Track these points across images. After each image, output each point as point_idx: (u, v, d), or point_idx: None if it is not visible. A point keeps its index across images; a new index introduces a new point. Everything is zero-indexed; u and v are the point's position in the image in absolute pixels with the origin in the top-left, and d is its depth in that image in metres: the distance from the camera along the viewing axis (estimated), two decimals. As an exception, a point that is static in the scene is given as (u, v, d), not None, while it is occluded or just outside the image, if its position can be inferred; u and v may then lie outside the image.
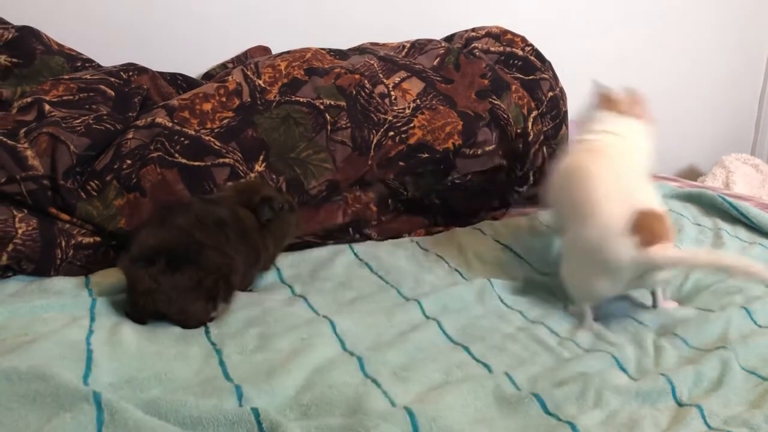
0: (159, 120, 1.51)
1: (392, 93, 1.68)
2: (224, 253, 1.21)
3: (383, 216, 1.68)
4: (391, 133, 1.64)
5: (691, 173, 2.95)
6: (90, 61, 1.72)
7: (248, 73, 1.62)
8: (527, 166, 1.83)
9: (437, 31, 2.00)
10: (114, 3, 1.87)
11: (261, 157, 1.53)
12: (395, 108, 1.66)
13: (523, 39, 1.97)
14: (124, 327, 1.13)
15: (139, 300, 1.16)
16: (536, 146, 1.84)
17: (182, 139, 1.49)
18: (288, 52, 1.70)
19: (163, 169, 1.46)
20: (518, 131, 1.79)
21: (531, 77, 1.90)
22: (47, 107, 1.49)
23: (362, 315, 1.23)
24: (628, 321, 1.30)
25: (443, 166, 1.70)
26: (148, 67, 1.73)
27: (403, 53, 1.83)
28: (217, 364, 1.05)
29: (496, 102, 1.77)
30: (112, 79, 1.61)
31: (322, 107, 1.59)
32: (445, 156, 1.68)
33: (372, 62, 1.72)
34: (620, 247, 1.20)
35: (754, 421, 0.98)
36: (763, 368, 1.13)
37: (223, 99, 1.57)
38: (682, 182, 2.26)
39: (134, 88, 1.63)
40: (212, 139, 1.51)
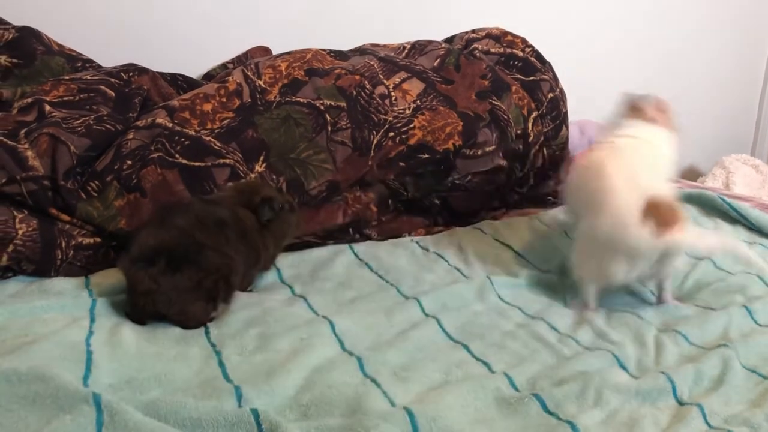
0: (159, 120, 1.51)
1: (392, 94, 1.68)
2: (224, 254, 1.21)
3: (383, 216, 1.68)
4: (392, 134, 1.64)
5: (691, 174, 2.95)
6: (90, 61, 1.72)
7: (249, 73, 1.62)
8: (527, 166, 1.83)
9: (438, 32, 2.01)
10: (114, 3, 1.87)
11: (261, 158, 1.53)
12: (395, 109, 1.66)
13: (523, 40, 1.97)
14: (124, 328, 1.13)
15: (139, 301, 1.16)
16: (536, 147, 1.84)
17: (183, 139, 1.49)
18: (288, 53, 1.70)
19: (163, 169, 1.46)
20: (518, 132, 1.79)
21: (531, 78, 1.90)
22: (48, 108, 1.49)
23: (362, 315, 1.23)
24: (629, 317, 1.30)
25: (443, 166, 1.70)
26: (148, 67, 1.73)
27: (404, 54, 1.83)
28: (216, 365, 1.05)
29: (496, 103, 1.77)
30: (113, 80, 1.61)
31: (322, 108, 1.59)
32: (446, 157, 1.68)
33: (372, 63, 1.72)
34: (633, 232, 1.24)
35: (755, 419, 0.98)
36: (763, 367, 1.13)
37: (224, 99, 1.57)
38: (682, 183, 2.26)
39: (135, 89, 1.63)
40: (212, 140, 1.51)
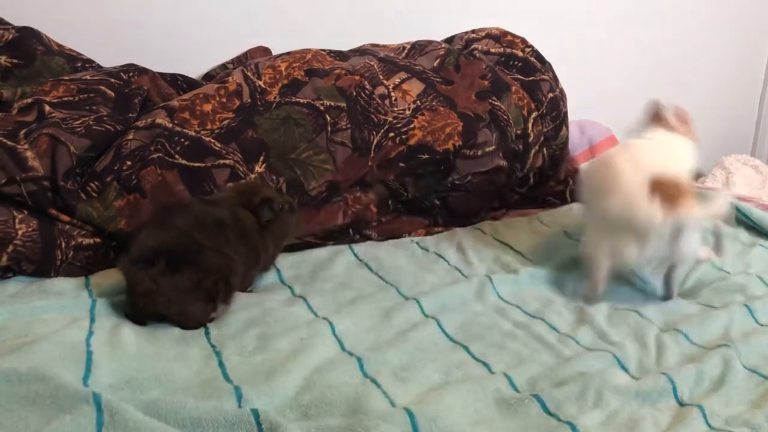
0: (159, 121, 1.51)
1: (392, 94, 1.68)
2: (224, 254, 1.21)
3: (383, 217, 1.68)
4: (392, 134, 1.64)
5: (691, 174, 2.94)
6: (90, 61, 1.72)
7: (248, 74, 1.62)
8: (527, 167, 1.83)
9: (438, 32, 2.00)
10: (114, 3, 1.87)
11: (261, 158, 1.53)
12: (395, 109, 1.66)
13: (523, 40, 1.97)
14: (124, 328, 1.13)
15: (138, 301, 1.16)
16: (536, 147, 1.84)
17: (182, 140, 1.49)
18: (288, 53, 1.70)
19: (163, 170, 1.46)
20: (518, 132, 1.79)
21: (531, 78, 1.90)
22: (47, 108, 1.49)
23: (362, 315, 1.24)
24: (631, 315, 1.30)
25: (443, 167, 1.70)
26: (148, 67, 1.73)
27: (404, 54, 1.83)
28: (216, 366, 1.05)
29: (496, 103, 1.77)
30: (113, 80, 1.61)
31: (322, 108, 1.59)
32: (446, 157, 1.68)
33: (372, 63, 1.72)
34: (641, 208, 1.26)
35: (756, 420, 0.98)
36: (764, 367, 1.14)
37: (224, 100, 1.57)
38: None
39: (134, 89, 1.63)
40: (212, 140, 1.51)
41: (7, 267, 1.31)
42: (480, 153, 1.73)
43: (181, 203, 1.35)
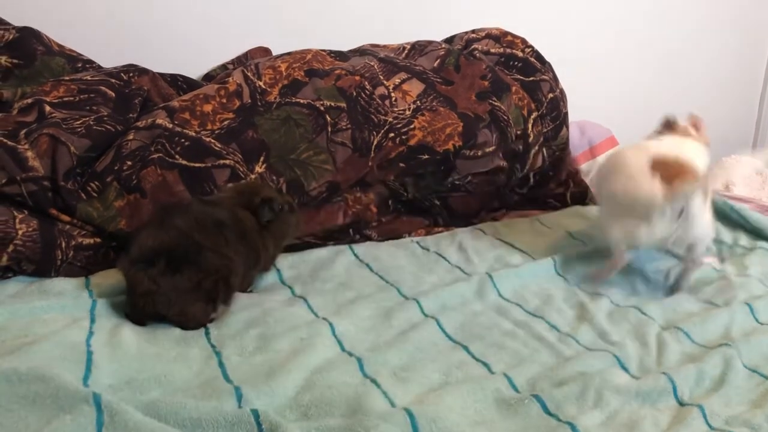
0: (159, 121, 1.51)
1: (392, 94, 1.68)
2: (224, 255, 1.21)
3: (383, 217, 1.68)
4: (392, 135, 1.64)
5: (691, 174, 2.94)
6: (90, 62, 1.72)
7: (249, 74, 1.62)
8: (527, 167, 1.83)
9: (438, 32, 2.00)
10: (114, 3, 1.87)
11: (261, 159, 1.53)
12: (395, 109, 1.66)
13: (523, 40, 1.97)
14: (124, 328, 1.13)
15: (138, 301, 1.16)
16: (536, 148, 1.84)
17: (183, 140, 1.49)
18: (288, 54, 1.70)
19: (163, 170, 1.46)
20: (518, 133, 1.79)
21: (531, 79, 1.90)
22: (48, 108, 1.49)
23: (362, 315, 1.24)
24: (633, 312, 1.30)
25: (443, 167, 1.70)
26: (148, 67, 1.73)
27: (404, 55, 1.83)
28: (216, 366, 1.05)
29: (496, 103, 1.77)
30: (113, 81, 1.61)
31: (322, 108, 1.59)
32: (446, 157, 1.68)
33: (372, 64, 1.72)
34: (644, 187, 1.31)
35: (756, 420, 0.98)
36: (765, 366, 1.14)
37: (224, 100, 1.57)
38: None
39: (135, 90, 1.63)
40: (213, 141, 1.51)
41: (7, 267, 1.31)
42: (480, 153, 1.73)
43: (181, 203, 1.34)
